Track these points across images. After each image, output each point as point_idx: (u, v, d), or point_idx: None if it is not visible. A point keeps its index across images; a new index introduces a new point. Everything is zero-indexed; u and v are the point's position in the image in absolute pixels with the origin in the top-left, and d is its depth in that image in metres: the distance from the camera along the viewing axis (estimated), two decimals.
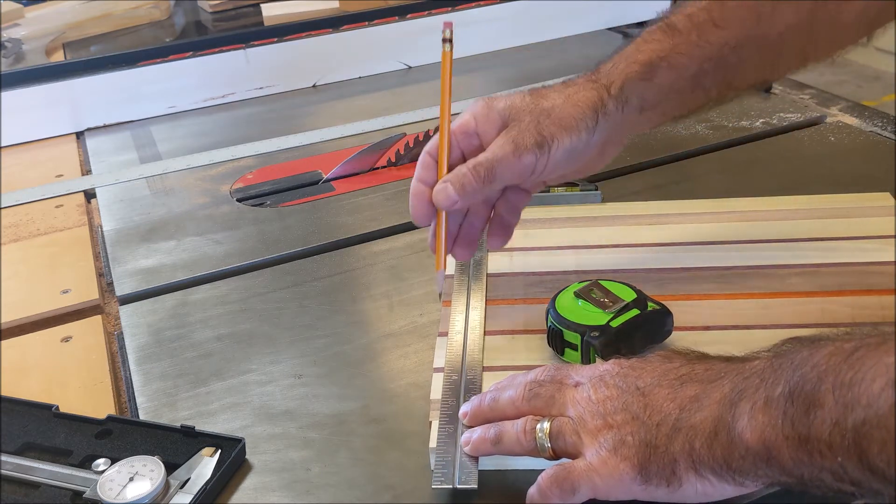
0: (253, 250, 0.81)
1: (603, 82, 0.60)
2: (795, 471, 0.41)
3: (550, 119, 0.59)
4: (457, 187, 0.58)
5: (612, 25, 1.39)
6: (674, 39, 0.61)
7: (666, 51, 0.61)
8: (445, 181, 0.59)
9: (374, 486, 0.52)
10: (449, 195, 0.59)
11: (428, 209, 0.60)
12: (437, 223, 0.61)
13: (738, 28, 0.61)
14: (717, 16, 0.61)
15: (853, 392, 0.39)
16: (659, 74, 0.60)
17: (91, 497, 0.51)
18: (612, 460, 0.46)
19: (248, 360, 0.65)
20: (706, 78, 0.62)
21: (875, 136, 0.94)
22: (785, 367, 0.43)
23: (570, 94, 0.60)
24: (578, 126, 0.59)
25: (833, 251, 0.70)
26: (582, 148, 0.60)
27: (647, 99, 0.61)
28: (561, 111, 0.59)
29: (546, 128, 0.58)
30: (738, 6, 0.61)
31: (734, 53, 0.61)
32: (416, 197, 0.61)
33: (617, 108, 0.60)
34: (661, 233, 0.75)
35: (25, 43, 1.49)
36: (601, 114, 0.59)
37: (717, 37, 0.61)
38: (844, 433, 0.39)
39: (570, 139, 0.59)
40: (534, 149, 0.58)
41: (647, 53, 0.61)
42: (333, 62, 1.26)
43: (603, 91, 0.60)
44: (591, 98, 0.60)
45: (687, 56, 0.61)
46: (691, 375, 0.47)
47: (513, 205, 0.64)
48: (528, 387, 0.52)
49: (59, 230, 0.89)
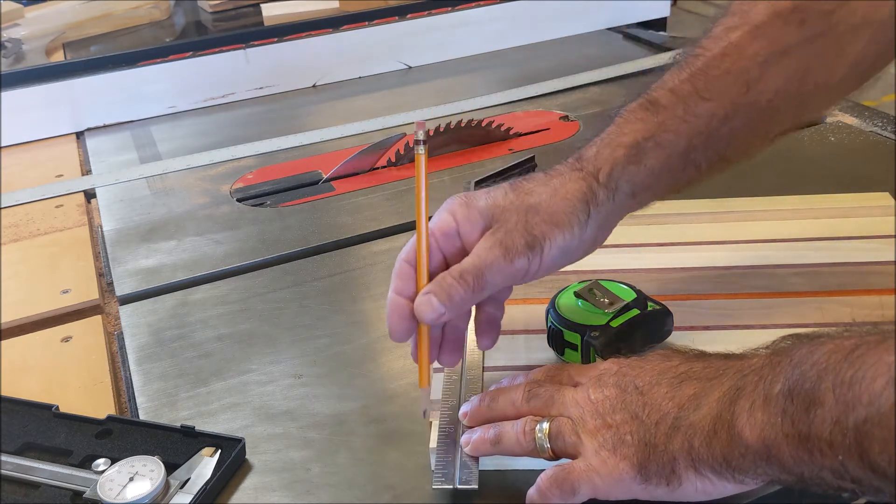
0: (253, 250, 0.81)
1: (589, 170, 0.56)
2: (795, 469, 0.41)
3: (539, 216, 0.54)
4: (443, 298, 0.52)
5: (612, 25, 1.39)
6: (658, 117, 0.56)
7: (651, 130, 0.56)
8: (427, 292, 0.52)
9: (374, 486, 0.53)
10: (434, 307, 0.52)
11: (408, 324, 0.53)
12: (420, 336, 0.54)
13: (726, 98, 0.56)
14: (702, 87, 0.56)
15: (854, 391, 0.39)
16: (647, 156, 0.56)
17: (91, 497, 0.51)
18: (612, 460, 0.46)
19: (248, 360, 0.65)
20: (696, 153, 0.57)
21: (875, 136, 0.94)
22: (784, 364, 0.43)
23: (557, 188, 0.55)
24: (570, 221, 0.54)
25: (833, 251, 0.70)
26: (575, 245, 0.55)
27: (638, 183, 0.56)
28: (549, 207, 0.54)
29: (536, 226, 0.53)
30: (723, 75, 0.56)
31: (724, 125, 0.56)
32: (395, 312, 0.53)
33: (608, 198, 0.55)
34: (660, 233, 0.75)
35: (25, 43, 1.49)
36: (592, 205, 0.54)
37: (704, 109, 0.56)
38: (845, 432, 0.39)
39: (563, 237, 0.54)
40: (525, 251, 0.53)
41: (631, 135, 0.56)
42: (333, 62, 1.26)
43: (591, 180, 0.55)
44: (580, 189, 0.55)
45: (674, 133, 0.56)
46: (690, 373, 0.47)
47: (498, 301, 0.58)
48: (528, 387, 0.52)
49: (59, 230, 0.89)
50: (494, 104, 1.13)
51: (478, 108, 1.12)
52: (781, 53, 0.56)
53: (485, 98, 1.14)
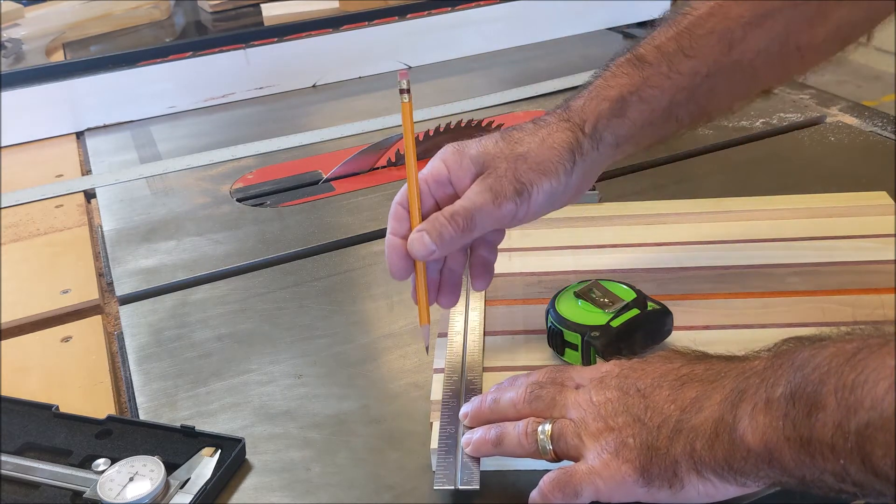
0: (253, 250, 0.81)
1: (576, 121, 0.59)
2: (797, 472, 0.41)
3: (528, 164, 0.57)
4: (434, 236, 0.55)
5: (612, 25, 1.39)
6: (644, 72, 0.59)
7: (636, 85, 0.59)
8: (420, 230, 0.56)
9: (374, 486, 0.53)
10: (426, 244, 0.55)
11: (405, 262, 0.57)
12: (417, 275, 0.58)
13: (709, 56, 0.60)
14: (686, 45, 0.60)
15: (856, 394, 0.39)
16: (631, 109, 0.59)
17: (91, 497, 0.51)
18: (614, 463, 0.46)
19: (248, 360, 0.65)
20: (679, 109, 0.60)
21: (875, 136, 0.94)
22: (785, 367, 0.43)
23: (545, 138, 0.58)
24: (557, 170, 0.57)
25: (831, 250, 0.70)
26: (561, 191, 0.58)
27: (621, 135, 0.60)
28: (537, 155, 0.57)
29: (524, 174, 0.57)
30: (708, 34, 0.60)
31: (706, 82, 0.60)
32: (393, 251, 0.57)
33: (592, 147, 0.59)
34: (660, 233, 0.75)
35: (25, 43, 1.49)
36: (578, 155, 0.58)
37: (687, 67, 0.59)
38: (847, 435, 0.39)
39: (550, 184, 0.57)
40: (514, 196, 0.56)
41: (616, 89, 0.59)
42: (333, 62, 1.26)
43: (577, 131, 0.59)
44: (567, 140, 0.58)
45: (658, 88, 0.59)
46: (691, 376, 0.47)
47: (491, 244, 0.61)
48: (529, 388, 0.52)
49: (59, 230, 0.89)
50: (494, 104, 1.13)
51: (478, 108, 1.12)
52: (764, 16, 0.59)
53: (485, 98, 1.14)
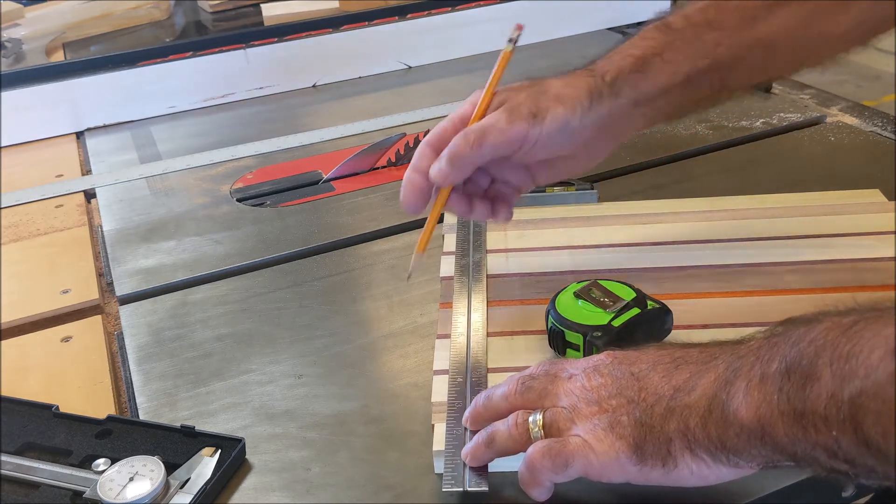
0: (253, 250, 0.81)
1: (598, 72, 0.62)
2: (789, 447, 0.41)
3: (546, 95, 0.60)
4: (447, 155, 0.58)
5: (612, 25, 1.39)
6: (668, 37, 0.62)
7: (660, 47, 0.62)
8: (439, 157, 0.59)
9: (374, 486, 0.53)
10: (440, 163, 0.59)
11: (419, 197, 0.60)
12: (437, 202, 0.61)
13: (733, 29, 0.62)
14: (712, 16, 0.62)
15: (851, 364, 0.38)
16: (652, 68, 0.61)
17: (91, 497, 0.51)
18: (608, 438, 0.46)
19: (248, 360, 0.65)
20: (700, 76, 0.62)
21: (875, 136, 0.94)
22: (781, 344, 0.42)
23: (567, 81, 0.62)
24: (573, 103, 0.60)
25: (827, 248, 0.70)
26: (576, 126, 0.60)
27: (641, 92, 0.62)
28: (557, 90, 0.61)
29: (542, 101, 0.60)
30: (734, 7, 0.63)
31: (728, 53, 0.62)
32: (409, 185, 0.60)
33: (611, 95, 0.61)
34: (657, 232, 0.75)
35: (25, 43, 1.49)
36: (595, 97, 0.60)
37: (711, 36, 0.62)
38: (840, 405, 0.38)
39: (565, 112, 0.59)
40: (528, 117, 0.59)
41: (641, 49, 0.62)
42: (333, 62, 1.26)
43: (598, 78, 0.61)
44: (587, 83, 0.61)
45: (681, 53, 0.62)
46: (686, 358, 0.47)
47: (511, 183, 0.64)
48: (522, 381, 0.51)
49: (59, 230, 0.89)
50: None
51: None
52: None
53: None
